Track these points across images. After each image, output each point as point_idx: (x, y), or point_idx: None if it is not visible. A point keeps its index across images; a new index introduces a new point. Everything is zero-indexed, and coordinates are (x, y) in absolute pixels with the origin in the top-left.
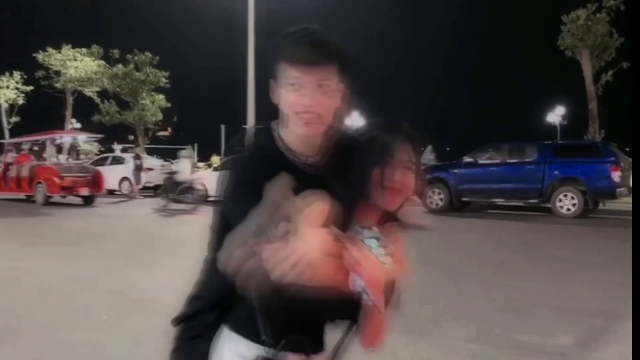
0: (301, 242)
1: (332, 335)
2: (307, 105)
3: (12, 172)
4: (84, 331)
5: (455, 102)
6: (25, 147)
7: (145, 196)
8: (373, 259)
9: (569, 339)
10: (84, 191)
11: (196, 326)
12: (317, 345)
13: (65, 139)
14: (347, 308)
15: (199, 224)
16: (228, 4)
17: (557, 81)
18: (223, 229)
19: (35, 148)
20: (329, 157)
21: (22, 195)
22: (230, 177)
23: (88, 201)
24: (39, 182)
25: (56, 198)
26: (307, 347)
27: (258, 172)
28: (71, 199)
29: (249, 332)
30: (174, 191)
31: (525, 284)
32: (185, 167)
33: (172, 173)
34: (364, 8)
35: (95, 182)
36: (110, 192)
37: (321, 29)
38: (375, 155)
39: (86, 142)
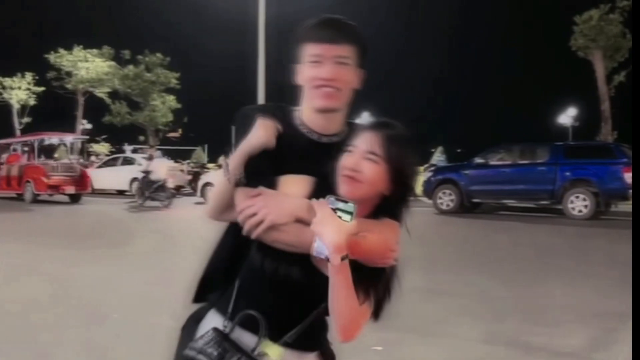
0: (269, 202)
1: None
2: (327, 78)
3: (3, 172)
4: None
5: (465, 104)
6: (17, 147)
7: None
8: (336, 219)
9: (580, 340)
10: (70, 190)
11: (206, 307)
12: (304, 341)
13: (53, 140)
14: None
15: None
16: (239, 5)
17: (569, 82)
18: None
19: (26, 148)
20: (342, 138)
21: (13, 194)
22: (236, 135)
23: (74, 199)
24: (28, 181)
25: (44, 196)
26: (262, 328)
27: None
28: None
29: (221, 306)
30: (149, 189)
31: (537, 285)
32: (159, 167)
33: (147, 172)
34: (376, 8)
35: (81, 181)
36: (121, 193)
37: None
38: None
39: (73, 142)
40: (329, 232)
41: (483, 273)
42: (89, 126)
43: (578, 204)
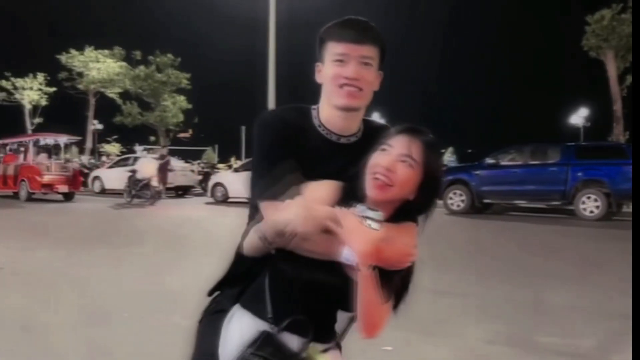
0: (299, 215)
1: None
2: (351, 78)
3: (0, 171)
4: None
5: (477, 104)
6: (14, 147)
7: (169, 197)
8: (364, 228)
9: (590, 341)
10: (63, 188)
11: (221, 301)
12: (325, 335)
13: (49, 140)
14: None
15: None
16: (250, 5)
17: (580, 82)
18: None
19: (22, 149)
20: (364, 138)
21: (10, 192)
22: (255, 144)
23: (67, 197)
24: (23, 180)
25: (39, 195)
26: (310, 332)
27: (274, 141)
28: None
29: (256, 308)
30: (135, 188)
31: (547, 286)
32: (144, 166)
33: (133, 172)
34: (385, 5)
35: (74, 180)
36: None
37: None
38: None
39: (67, 143)
40: (359, 243)
41: (492, 274)
42: (100, 126)
43: (590, 204)
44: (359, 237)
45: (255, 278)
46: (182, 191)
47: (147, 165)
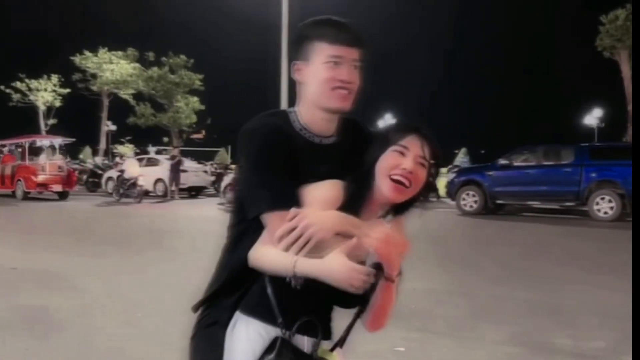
0: (311, 221)
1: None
2: (346, 81)
3: None
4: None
5: (490, 104)
6: (11, 149)
7: (182, 197)
8: (398, 240)
9: (604, 343)
10: (57, 188)
11: (213, 313)
12: (326, 332)
13: (44, 142)
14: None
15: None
16: (262, 7)
17: (594, 83)
18: (239, 211)
19: (19, 149)
20: (342, 137)
21: (8, 191)
22: (248, 155)
23: (62, 196)
24: (19, 180)
25: (34, 193)
26: (319, 332)
27: (272, 150)
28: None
29: (263, 314)
30: (123, 187)
31: (561, 287)
32: (131, 167)
33: (121, 172)
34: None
35: (68, 179)
36: (146, 194)
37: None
38: (386, 145)
39: (61, 144)
40: (395, 253)
41: (506, 275)
42: (113, 127)
43: (604, 205)
44: (394, 248)
45: (251, 285)
46: (195, 192)
47: (132, 165)
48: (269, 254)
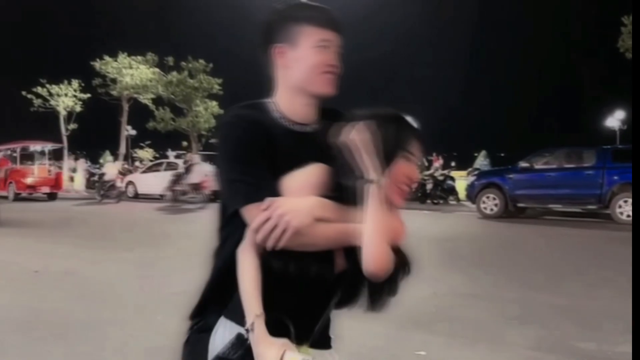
0: (285, 209)
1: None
2: (335, 65)
3: None
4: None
5: (510, 107)
6: (6, 153)
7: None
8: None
9: (626, 347)
10: (46, 189)
11: (207, 317)
12: (319, 338)
13: (36, 147)
14: (341, 287)
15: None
16: None
17: (616, 84)
18: (223, 212)
19: (14, 154)
20: (322, 125)
21: (4, 193)
22: (223, 148)
23: (51, 197)
24: (10, 182)
25: (26, 195)
26: (290, 332)
27: (247, 142)
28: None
29: (237, 315)
30: (104, 188)
31: (586, 292)
32: (111, 169)
33: (102, 175)
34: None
35: (56, 182)
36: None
37: None
38: (392, 149)
39: (51, 149)
40: (366, 148)
41: (529, 278)
42: (133, 132)
43: (627, 208)
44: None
45: (237, 288)
46: (213, 196)
47: (111, 168)
48: (241, 266)
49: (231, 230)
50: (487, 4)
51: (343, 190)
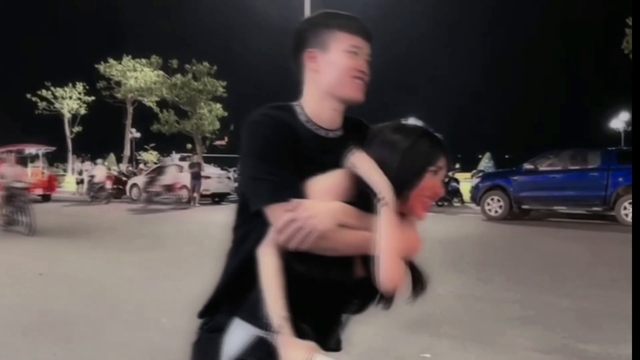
0: (313, 212)
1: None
2: (364, 72)
3: None
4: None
5: (515, 109)
6: (1, 156)
7: (203, 204)
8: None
9: (630, 349)
10: (39, 191)
11: (218, 318)
12: (327, 339)
13: (31, 150)
14: (359, 293)
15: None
16: (285, 13)
17: (621, 86)
18: (242, 211)
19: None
20: (348, 132)
21: None
22: (249, 146)
23: (45, 199)
24: None
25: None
26: (310, 336)
27: (274, 142)
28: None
29: (255, 318)
30: (93, 190)
31: (591, 293)
32: (100, 171)
33: (92, 176)
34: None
35: (49, 184)
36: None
37: None
38: (422, 165)
39: (44, 153)
40: (374, 170)
41: (534, 280)
42: (137, 134)
43: (631, 210)
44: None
45: (252, 290)
46: (218, 198)
47: (100, 171)
48: (264, 266)
49: (249, 229)
50: (493, 7)
51: (364, 198)
